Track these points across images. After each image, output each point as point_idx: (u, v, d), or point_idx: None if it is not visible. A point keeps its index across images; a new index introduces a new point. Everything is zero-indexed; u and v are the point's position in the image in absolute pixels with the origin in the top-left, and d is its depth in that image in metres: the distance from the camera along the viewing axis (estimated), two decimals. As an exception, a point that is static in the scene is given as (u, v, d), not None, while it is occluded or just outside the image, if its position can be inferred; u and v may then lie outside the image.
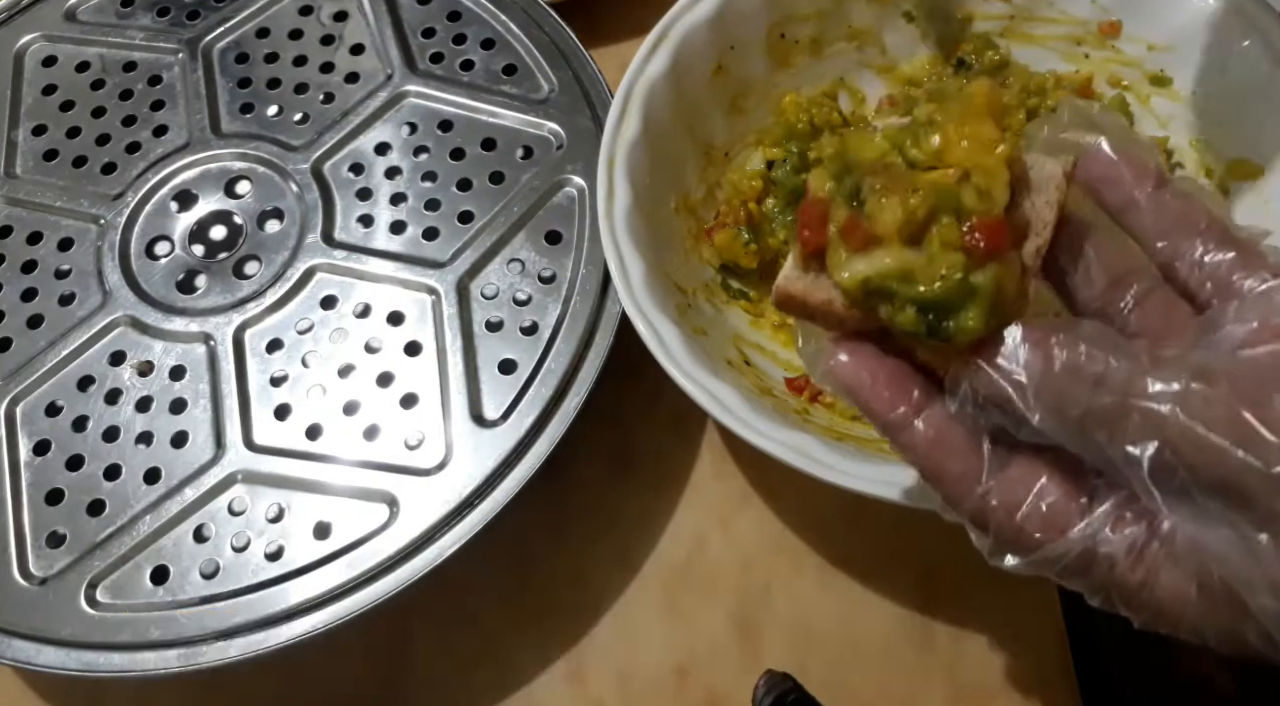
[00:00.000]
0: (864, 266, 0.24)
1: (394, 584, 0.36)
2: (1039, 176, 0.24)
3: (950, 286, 0.23)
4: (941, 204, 0.23)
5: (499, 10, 0.48)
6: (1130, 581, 0.22)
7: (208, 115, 0.47)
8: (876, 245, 0.24)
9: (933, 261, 0.23)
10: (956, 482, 0.24)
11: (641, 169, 0.40)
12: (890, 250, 0.23)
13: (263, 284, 0.42)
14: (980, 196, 0.23)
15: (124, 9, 0.50)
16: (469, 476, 0.38)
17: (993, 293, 0.23)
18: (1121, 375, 0.21)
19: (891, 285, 0.23)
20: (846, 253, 0.24)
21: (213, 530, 0.38)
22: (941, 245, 0.23)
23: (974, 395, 0.23)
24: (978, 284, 0.23)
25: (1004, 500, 0.23)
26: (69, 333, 0.42)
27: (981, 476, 0.24)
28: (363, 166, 0.45)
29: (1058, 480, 0.23)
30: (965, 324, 0.23)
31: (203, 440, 0.39)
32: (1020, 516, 0.23)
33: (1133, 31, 0.43)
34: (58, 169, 0.46)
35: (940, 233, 0.23)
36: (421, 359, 0.41)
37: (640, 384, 0.42)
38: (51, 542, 0.38)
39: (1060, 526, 0.23)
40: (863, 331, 0.25)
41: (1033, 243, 0.24)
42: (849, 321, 0.25)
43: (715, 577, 0.41)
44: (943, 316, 0.23)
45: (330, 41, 0.48)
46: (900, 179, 0.24)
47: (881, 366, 0.24)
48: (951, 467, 0.24)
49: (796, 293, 0.25)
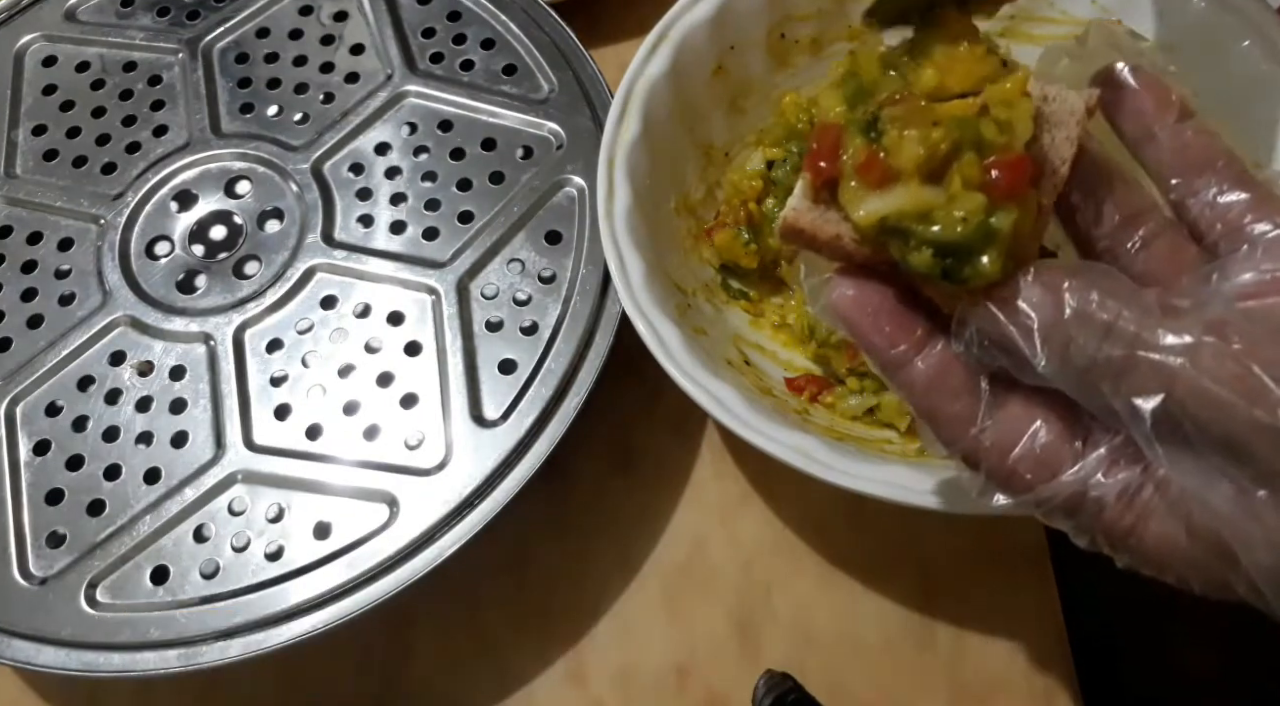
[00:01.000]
0: (881, 204, 0.22)
1: (394, 584, 0.36)
2: (1059, 110, 0.23)
3: (970, 229, 0.22)
4: (964, 138, 0.22)
5: (499, 10, 0.48)
6: (1119, 525, 0.22)
7: (208, 115, 0.47)
8: (894, 181, 0.22)
9: (953, 201, 0.22)
10: (952, 423, 0.24)
11: (641, 169, 0.40)
12: (909, 187, 0.22)
13: (263, 284, 0.42)
14: (1002, 130, 0.22)
15: (124, 9, 0.50)
16: (469, 476, 0.38)
17: (1010, 236, 0.22)
18: (1132, 325, 0.21)
19: (909, 225, 0.22)
20: (863, 188, 0.23)
21: (213, 530, 0.38)
22: (962, 183, 0.22)
23: (980, 337, 0.23)
24: (997, 226, 0.22)
25: (998, 441, 0.23)
26: (69, 333, 0.42)
27: (977, 418, 0.23)
28: (363, 166, 0.45)
29: (1053, 422, 0.23)
30: (981, 268, 0.22)
31: (203, 440, 0.39)
32: (1013, 458, 0.23)
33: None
34: (58, 169, 0.46)
35: (961, 169, 0.22)
36: (421, 359, 0.41)
37: (640, 384, 0.42)
38: (51, 542, 0.38)
39: (1053, 469, 0.23)
40: (869, 264, 0.24)
41: (1049, 181, 0.23)
42: (857, 256, 0.24)
43: (715, 577, 0.41)
44: (960, 259, 0.22)
45: (330, 41, 0.48)
46: (919, 111, 0.22)
47: (885, 301, 0.24)
48: (948, 408, 0.24)
49: (805, 225, 0.24)
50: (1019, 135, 0.22)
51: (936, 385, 0.24)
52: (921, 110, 0.22)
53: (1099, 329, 0.21)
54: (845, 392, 0.40)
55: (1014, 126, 0.22)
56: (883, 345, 0.24)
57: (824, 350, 0.40)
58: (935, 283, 0.23)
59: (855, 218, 0.23)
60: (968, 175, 0.22)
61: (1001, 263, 0.22)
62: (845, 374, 0.40)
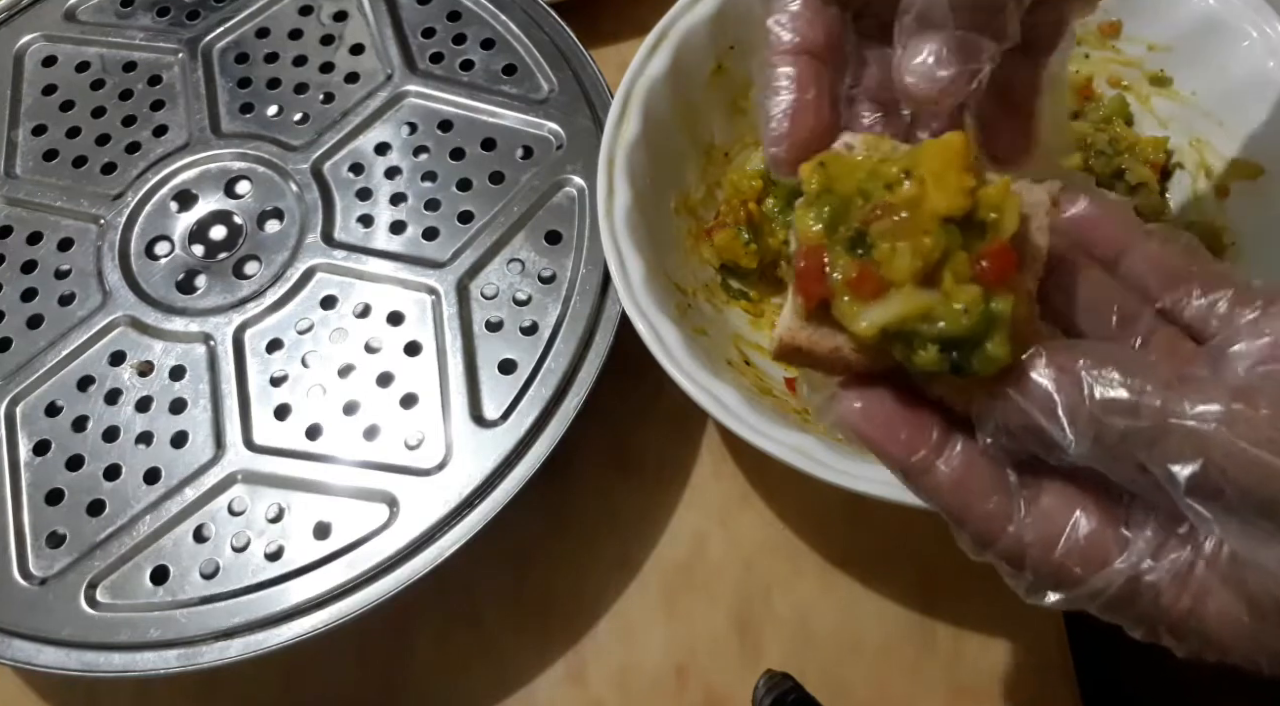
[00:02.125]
0: (882, 314, 0.23)
1: (394, 584, 0.36)
2: (1029, 201, 0.24)
3: (974, 319, 0.22)
4: (952, 242, 0.23)
5: (499, 10, 0.48)
6: (1177, 609, 0.21)
7: (208, 115, 0.47)
8: (889, 290, 0.23)
9: (949, 297, 0.22)
10: (988, 523, 0.23)
11: (641, 169, 0.40)
12: (905, 293, 0.22)
13: (263, 284, 0.42)
14: (990, 227, 0.23)
15: (124, 9, 0.50)
16: (469, 476, 0.38)
17: (1011, 319, 0.22)
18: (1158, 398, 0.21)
19: (912, 327, 0.22)
20: (858, 302, 0.23)
21: (213, 530, 0.38)
22: (954, 280, 0.22)
23: (1005, 427, 0.22)
24: (998, 311, 0.22)
25: (1040, 536, 0.22)
26: (69, 333, 0.42)
27: (1012, 514, 0.23)
28: (363, 166, 0.45)
29: (1092, 509, 0.22)
30: (991, 354, 0.22)
31: (203, 440, 0.39)
32: (1059, 552, 0.22)
33: (1133, 31, 0.43)
34: (58, 169, 0.46)
35: (953, 268, 0.22)
36: (421, 359, 0.41)
37: (640, 384, 0.42)
38: (51, 542, 0.38)
39: (1102, 558, 0.22)
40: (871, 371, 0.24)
41: (1032, 268, 0.24)
42: (858, 366, 0.24)
43: (715, 577, 0.41)
44: (966, 350, 0.22)
45: (330, 41, 0.48)
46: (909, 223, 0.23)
47: (896, 409, 0.23)
48: (980, 508, 0.23)
49: (802, 343, 0.24)
50: (1006, 230, 0.23)
51: (965, 486, 0.23)
52: (911, 222, 0.23)
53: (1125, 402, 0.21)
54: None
55: (1001, 223, 0.23)
56: (901, 454, 0.23)
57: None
58: (944, 379, 0.23)
59: (857, 330, 0.23)
60: (959, 272, 0.22)
61: (1009, 346, 0.22)
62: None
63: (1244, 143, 0.39)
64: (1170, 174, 0.42)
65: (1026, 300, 0.23)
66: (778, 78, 0.26)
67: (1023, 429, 0.22)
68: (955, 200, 0.23)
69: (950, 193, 0.23)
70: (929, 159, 0.23)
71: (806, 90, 0.25)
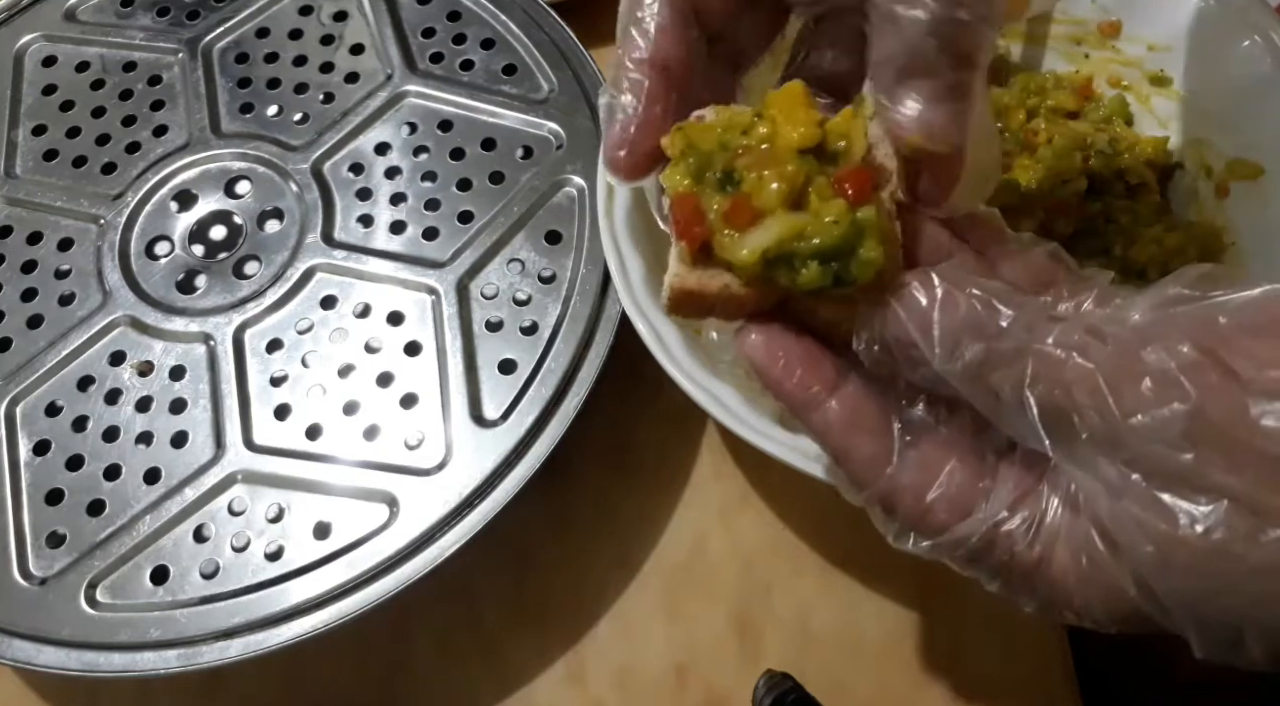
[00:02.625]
0: (760, 238, 0.25)
1: (394, 584, 0.36)
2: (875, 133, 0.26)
3: (844, 228, 0.24)
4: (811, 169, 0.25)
5: (499, 10, 0.48)
6: (1028, 558, 0.23)
7: (208, 115, 0.47)
8: (762, 217, 0.25)
9: (818, 215, 0.24)
10: (868, 463, 0.24)
11: (641, 169, 0.40)
12: (778, 217, 0.25)
13: (263, 284, 0.42)
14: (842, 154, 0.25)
15: (124, 9, 0.50)
16: (469, 476, 0.38)
17: (878, 226, 0.24)
18: (1022, 321, 0.22)
19: (790, 246, 0.24)
20: (735, 233, 0.25)
21: (213, 530, 0.38)
22: (819, 200, 0.25)
23: (880, 338, 0.24)
24: (865, 219, 0.24)
25: (914, 481, 0.24)
26: (69, 333, 0.42)
27: (892, 458, 0.24)
28: (363, 166, 0.45)
29: (966, 460, 0.24)
30: (865, 257, 0.24)
31: (203, 440, 0.39)
32: (930, 498, 0.23)
33: (1132, 31, 0.43)
34: (58, 169, 0.46)
35: (817, 191, 0.25)
36: (421, 359, 0.41)
37: (640, 384, 0.42)
38: (51, 542, 0.38)
39: (966, 508, 0.23)
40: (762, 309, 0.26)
41: (885, 189, 0.26)
42: (748, 302, 0.26)
43: (715, 577, 0.41)
44: (844, 260, 0.24)
45: (330, 41, 0.48)
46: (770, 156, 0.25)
47: (795, 343, 0.25)
48: (863, 449, 0.24)
49: (692, 287, 0.26)
50: (856, 154, 0.25)
51: (851, 424, 0.24)
52: (771, 155, 0.25)
53: (992, 322, 0.22)
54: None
55: (850, 149, 0.25)
56: (795, 389, 0.24)
57: None
58: (831, 295, 0.25)
59: (739, 259, 0.25)
60: (822, 194, 0.25)
61: (881, 248, 0.24)
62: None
63: (1244, 143, 0.39)
64: (1170, 174, 0.42)
65: (887, 216, 0.25)
66: (632, 85, 0.26)
67: (896, 341, 0.23)
68: (807, 132, 0.25)
69: (801, 126, 0.25)
70: (776, 104, 0.26)
71: (654, 104, 0.26)
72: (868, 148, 0.25)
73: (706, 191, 0.26)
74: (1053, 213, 0.40)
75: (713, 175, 0.26)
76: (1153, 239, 0.40)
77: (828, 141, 0.25)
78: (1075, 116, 0.44)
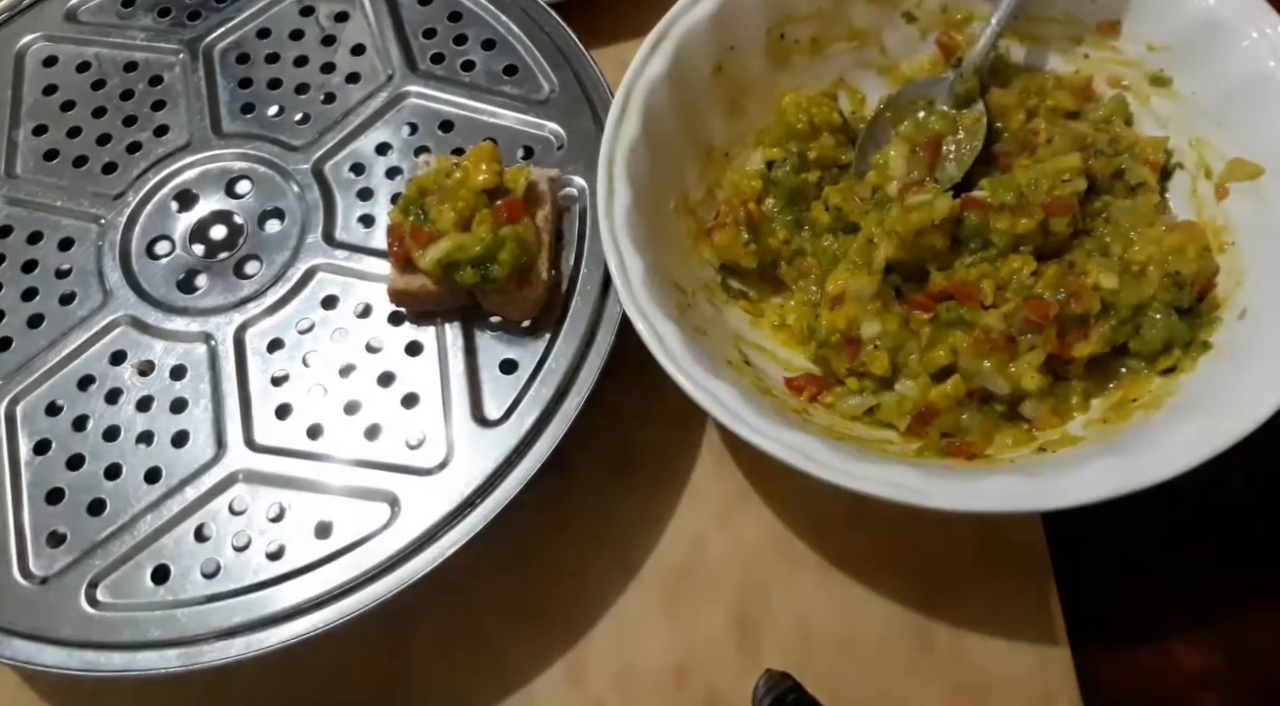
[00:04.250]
0: (435, 251, 0.38)
1: (395, 583, 0.36)
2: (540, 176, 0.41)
3: (487, 244, 0.38)
4: (481, 202, 0.39)
5: (500, 11, 0.48)
6: None
7: (208, 115, 0.47)
8: (440, 238, 0.38)
9: (475, 234, 0.38)
10: None
11: (642, 169, 0.40)
12: (449, 237, 0.38)
13: (263, 284, 0.43)
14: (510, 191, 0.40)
15: (125, 9, 0.50)
16: (470, 476, 0.38)
17: (519, 242, 0.38)
18: None
19: (455, 256, 0.38)
20: (421, 249, 0.39)
21: (213, 529, 0.38)
22: (480, 224, 0.39)
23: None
24: (504, 235, 0.38)
25: None
26: (69, 332, 0.42)
27: None
28: (363, 166, 0.45)
29: None
30: (499, 269, 0.38)
31: (203, 439, 0.39)
32: None
33: (1132, 31, 0.43)
34: (58, 169, 0.46)
35: (481, 217, 0.39)
36: (422, 359, 0.41)
37: (640, 384, 0.42)
38: (52, 542, 0.38)
39: None
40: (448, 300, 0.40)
41: (542, 212, 0.41)
42: (443, 296, 0.40)
43: (715, 577, 0.41)
44: (488, 267, 0.38)
45: (331, 42, 0.48)
46: (454, 193, 0.39)
47: None
48: None
49: (401, 288, 0.40)
50: (518, 191, 0.40)
51: None
52: (454, 194, 0.39)
53: None
54: (845, 392, 0.40)
55: (515, 188, 0.40)
56: None
57: (824, 351, 0.40)
58: (488, 292, 0.39)
59: (423, 266, 0.39)
60: (486, 220, 0.39)
61: (513, 263, 0.38)
62: (845, 374, 0.40)
63: (1244, 143, 0.39)
64: (1170, 174, 0.42)
65: (535, 231, 0.40)
66: None
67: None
68: (488, 177, 0.39)
69: (484, 173, 0.39)
70: (471, 157, 0.40)
71: None
72: (527, 187, 0.40)
73: (409, 221, 0.39)
74: (1053, 212, 0.40)
75: (415, 209, 0.39)
76: (1153, 239, 0.39)
77: (504, 183, 0.40)
78: (1075, 116, 0.44)
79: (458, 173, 0.40)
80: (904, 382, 0.38)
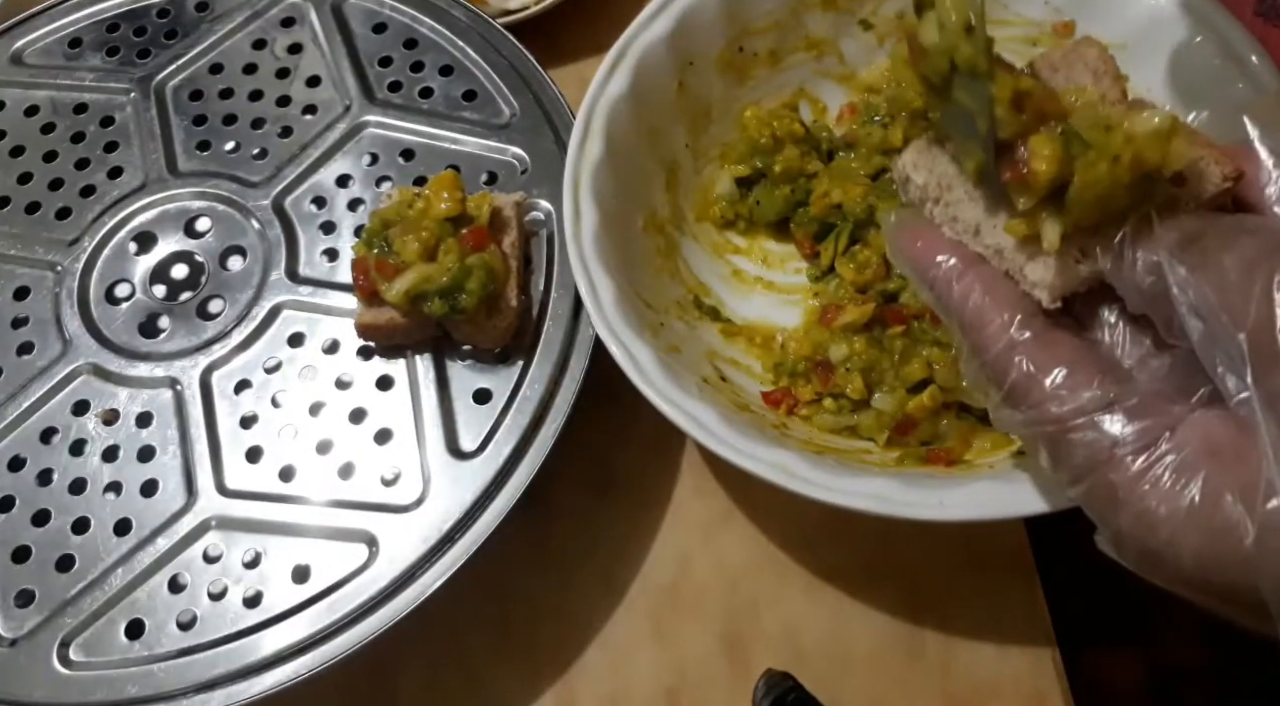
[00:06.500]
0: (401, 284, 0.37)
1: (377, 624, 0.36)
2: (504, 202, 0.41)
3: (454, 274, 0.37)
4: (446, 231, 0.38)
5: (455, 36, 0.48)
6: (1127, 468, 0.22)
7: (163, 154, 0.46)
8: (406, 269, 0.37)
9: (442, 265, 0.37)
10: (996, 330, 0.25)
11: (607, 190, 0.40)
12: (415, 268, 0.37)
13: (228, 324, 0.42)
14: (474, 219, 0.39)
15: (72, 50, 0.49)
16: (448, 510, 0.37)
17: (487, 270, 0.38)
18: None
19: (421, 287, 0.37)
20: (386, 281, 0.37)
21: (188, 579, 0.37)
22: (446, 254, 0.38)
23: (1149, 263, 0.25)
24: (472, 264, 0.37)
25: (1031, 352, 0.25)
26: (29, 384, 0.41)
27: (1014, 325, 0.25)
28: (325, 199, 0.44)
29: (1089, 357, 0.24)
30: (466, 299, 0.37)
31: (173, 487, 0.38)
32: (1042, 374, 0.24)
33: (1086, 31, 0.43)
34: (10, 216, 0.45)
35: (447, 248, 0.38)
36: (394, 392, 0.40)
37: (617, 406, 0.41)
38: (20, 602, 0.37)
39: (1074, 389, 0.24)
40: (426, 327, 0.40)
41: (509, 237, 0.40)
42: (412, 328, 0.39)
43: (701, 597, 0.41)
44: (455, 297, 0.37)
45: (285, 74, 0.48)
46: (417, 224, 0.38)
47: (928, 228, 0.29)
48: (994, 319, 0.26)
49: (369, 322, 0.39)
50: (482, 219, 0.39)
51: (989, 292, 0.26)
52: (417, 224, 0.38)
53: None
54: (821, 410, 0.40)
55: (479, 216, 0.39)
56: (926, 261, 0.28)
57: (792, 381, 0.40)
58: (458, 323, 0.38)
59: (390, 298, 0.37)
60: (451, 250, 0.38)
61: (482, 290, 0.37)
62: (815, 398, 0.40)
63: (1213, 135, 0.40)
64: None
65: (503, 258, 0.39)
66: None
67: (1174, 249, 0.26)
68: (450, 206, 0.38)
69: (446, 201, 0.38)
70: (433, 186, 0.39)
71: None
72: (492, 213, 0.39)
73: (373, 254, 0.38)
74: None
75: (379, 242, 0.39)
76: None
77: (468, 211, 0.39)
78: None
79: (420, 203, 0.39)
80: (880, 397, 0.38)
